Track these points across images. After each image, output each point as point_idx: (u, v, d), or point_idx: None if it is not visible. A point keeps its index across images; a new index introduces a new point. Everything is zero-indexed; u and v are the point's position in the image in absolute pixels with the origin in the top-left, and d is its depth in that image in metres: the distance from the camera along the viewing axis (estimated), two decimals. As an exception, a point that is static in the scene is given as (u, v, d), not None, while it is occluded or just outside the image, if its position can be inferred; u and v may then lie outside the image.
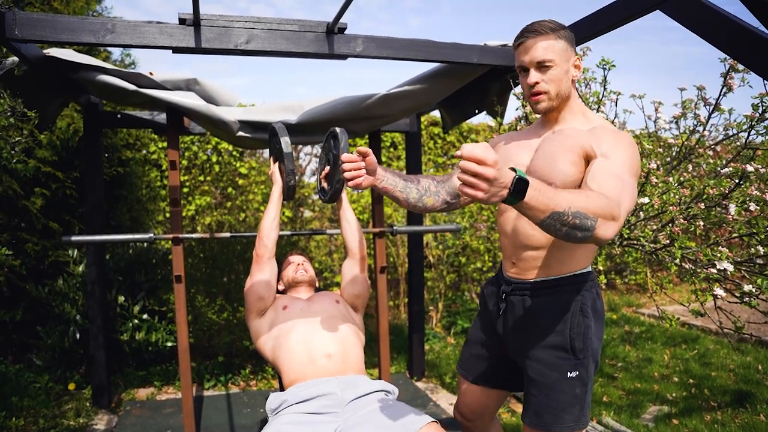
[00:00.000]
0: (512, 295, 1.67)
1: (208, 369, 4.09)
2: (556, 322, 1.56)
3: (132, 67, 5.02)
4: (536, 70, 1.52)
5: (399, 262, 5.40)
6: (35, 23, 2.10)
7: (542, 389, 1.56)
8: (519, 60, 1.56)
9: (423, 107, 3.30)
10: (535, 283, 1.61)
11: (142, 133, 4.88)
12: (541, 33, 1.50)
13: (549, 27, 1.51)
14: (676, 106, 2.73)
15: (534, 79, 1.52)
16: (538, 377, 1.57)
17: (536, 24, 1.53)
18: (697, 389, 3.66)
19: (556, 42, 1.51)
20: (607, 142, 1.45)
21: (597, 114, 1.64)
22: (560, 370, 1.55)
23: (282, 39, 2.39)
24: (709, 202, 2.38)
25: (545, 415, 1.56)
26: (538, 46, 1.50)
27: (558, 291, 1.58)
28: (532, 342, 1.60)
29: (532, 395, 1.60)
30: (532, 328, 1.61)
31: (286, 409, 1.87)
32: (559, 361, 1.55)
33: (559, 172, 1.48)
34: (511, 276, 1.68)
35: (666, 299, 6.17)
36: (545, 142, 1.58)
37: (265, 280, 2.28)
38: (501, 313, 1.71)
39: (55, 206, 3.90)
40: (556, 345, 1.56)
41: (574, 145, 1.48)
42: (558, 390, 1.54)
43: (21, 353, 3.93)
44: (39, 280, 3.85)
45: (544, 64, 1.51)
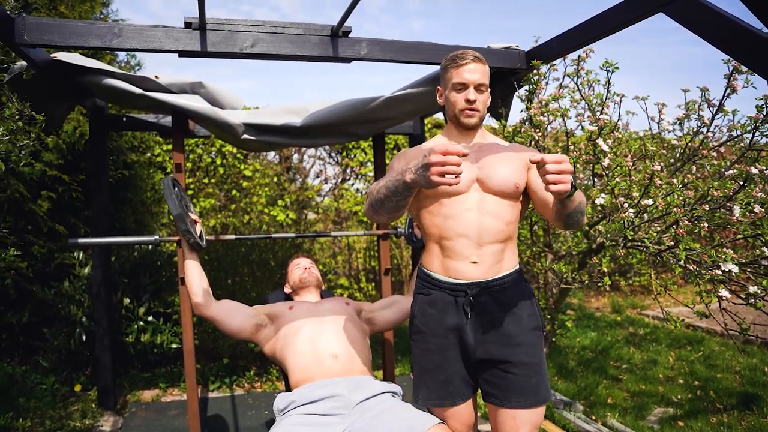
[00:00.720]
0: (480, 296, 1.71)
1: (213, 371, 4.11)
2: (528, 307, 1.75)
3: (137, 69, 5.05)
4: (475, 90, 1.74)
5: (403, 264, 5.41)
6: (44, 28, 2.13)
7: (535, 367, 1.70)
8: (461, 77, 1.73)
9: (427, 110, 3.31)
10: (503, 277, 1.73)
11: (147, 136, 4.91)
12: (483, 62, 1.75)
13: (481, 57, 1.77)
14: (679, 107, 2.73)
15: (473, 97, 1.74)
16: (530, 358, 1.70)
17: (475, 52, 1.76)
18: (702, 391, 3.65)
19: (487, 69, 1.77)
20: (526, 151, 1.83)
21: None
22: (539, 346, 1.75)
23: (287, 42, 2.41)
24: (714, 204, 2.38)
25: (541, 390, 1.71)
26: (483, 72, 1.74)
27: (519, 280, 1.78)
28: (513, 331, 1.71)
29: (526, 377, 1.69)
30: (509, 320, 1.72)
31: (294, 410, 1.88)
32: (538, 340, 1.75)
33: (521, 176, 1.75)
34: (473, 279, 1.71)
35: (670, 301, 6.16)
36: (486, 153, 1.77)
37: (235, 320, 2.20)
38: (468, 319, 1.72)
39: (61, 209, 3.93)
40: (535, 326, 1.75)
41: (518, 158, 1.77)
42: (543, 364, 1.74)
43: (27, 355, 3.95)
44: (45, 282, 3.87)
45: (481, 88, 1.75)
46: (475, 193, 1.73)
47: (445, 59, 1.80)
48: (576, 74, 2.77)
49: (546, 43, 2.75)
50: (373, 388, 1.97)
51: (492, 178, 1.72)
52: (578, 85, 2.78)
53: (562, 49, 2.65)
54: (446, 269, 1.75)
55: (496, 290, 1.72)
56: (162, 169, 5.06)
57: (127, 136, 4.49)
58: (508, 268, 1.75)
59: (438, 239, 1.76)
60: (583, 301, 6.73)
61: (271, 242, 4.51)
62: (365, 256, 5.54)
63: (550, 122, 2.85)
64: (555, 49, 2.69)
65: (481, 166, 1.75)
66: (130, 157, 4.43)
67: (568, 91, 2.82)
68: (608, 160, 2.63)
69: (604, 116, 2.66)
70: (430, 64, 2.68)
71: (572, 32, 2.54)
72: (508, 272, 1.75)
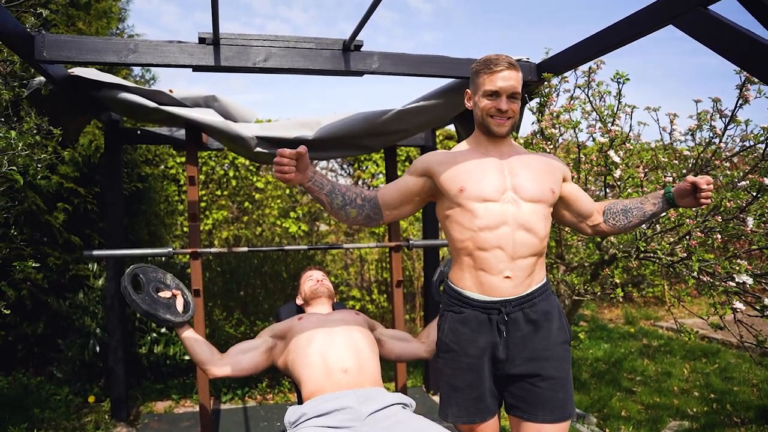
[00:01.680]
0: (512, 313, 1.67)
1: (225, 382, 4.11)
2: (556, 320, 1.73)
3: (152, 83, 5.12)
4: (508, 99, 1.69)
5: (415, 276, 5.40)
6: (62, 45, 2.17)
7: (562, 382, 1.68)
8: (495, 85, 1.67)
9: (439, 122, 3.33)
10: (533, 292, 1.70)
11: (161, 149, 4.96)
12: (516, 68, 1.69)
13: (516, 64, 1.71)
14: (691, 117, 2.72)
15: (506, 107, 1.69)
16: (558, 373, 1.68)
17: (510, 58, 1.69)
18: (718, 404, 3.60)
19: (520, 76, 1.72)
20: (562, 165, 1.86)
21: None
22: (568, 360, 1.73)
23: (299, 56, 2.44)
24: (727, 215, 2.37)
25: (568, 405, 1.69)
26: (517, 80, 1.69)
27: (548, 294, 1.75)
28: (543, 345, 1.69)
29: (553, 392, 1.67)
30: (539, 335, 1.69)
31: (305, 423, 1.88)
32: (567, 354, 1.73)
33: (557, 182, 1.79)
34: (506, 295, 1.67)
35: (684, 312, 6.09)
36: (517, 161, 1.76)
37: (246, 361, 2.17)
38: (502, 337, 1.68)
39: (76, 221, 3.98)
40: (563, 340, 1.73)
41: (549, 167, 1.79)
42: (569, 379, 1.72)
43: (42, 365, 3.98)
44: (60, 294, 3.91)
45: (515, 96, 1.70)
46: (508, 204, 1.68)
47: (477, 62, 1.73)
48: (587, 86, 2.78)
49: (557, 56, 2.76)
50: (384, 399, 1.97)
51: (527, 184, 1.70)
52: (589, 96, 2.79)
53: (573, 61, 2.66)
54: (479, 285, 1.68)
55: (527, 305, 1.69)
56: (175, 182, 5.11)
57: (141, 149, 4.54)
58: (538, 282, 1.73)
59: (470, 252, 1.68)
60: (595, 312, 6.68)
61: (283, 254, 4.53)
62: (377, 268, 5.54)
63: (561, 134, 2.85)
64: (566, 61, 2.70)
65: (515, 174, 1.72)
66: (144, 170, 4.48)
67: (579, 102, 2.82)
68: (620, 172, 2.63)
69: (615, 127, 2.66)
70: (442, 77, 2.70)
71: (583, 44, 2.55)
72: (537, 286, 1.72)
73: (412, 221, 5.61)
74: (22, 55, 2.13)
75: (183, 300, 2.20)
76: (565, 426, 1.70)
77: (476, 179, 1.69)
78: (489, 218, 1.66)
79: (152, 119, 2.95)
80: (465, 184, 1.69)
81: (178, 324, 2.12)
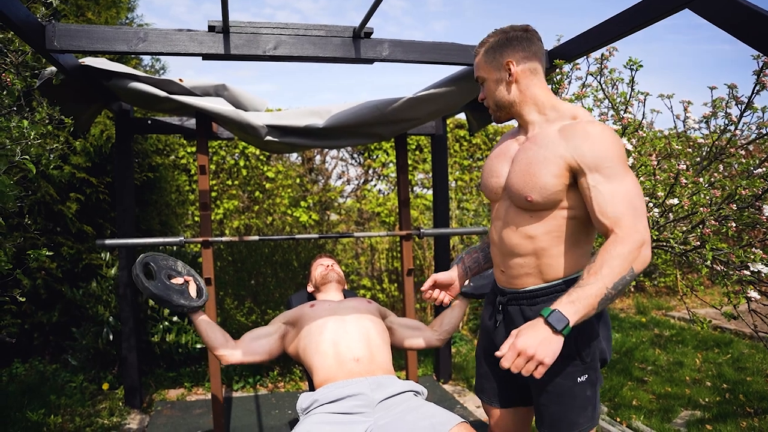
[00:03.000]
0: (509, 305, 1.63)
1: (237, 370, 4.15)
2: None
3: (161, 72, 5.13)
4: (480, 86, 1.63)
5: (426, 265, 5.40)
6: (73, 34, 2.18)
7: (553, 398, 1.53)
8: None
9: (450, 110, 3.31)
10: (532, 291, 1.57)
11: (172, 139, 4.98)
12: (475, 53, 1.60)
13: (481, 43, 1.59)
14: (706, 105, 2.68)
15: (480, 96, 1.62)
16: (550, 387, 1.53)
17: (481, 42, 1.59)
18: (731, 394, 3.58)
19: (483, 58, 1.58)
20: (587, 149, 1.41)
21: (567, 104, 1.59)
22: (570, 377, 1.52)
23: (309, 44, 2.43)
24: (742, 203, 2.34)
25: (561, 424, 1.53)
26: (475, 66, 1.61)
27: (556, 297, 1.44)
28: None
29: (543, 405, 1.56)
30: None
31: (316, 409, 1.89)
32: (569, 369, 1.51)
33: (534, 186, 1.47)
34: (503, 286, 1.65)
35: (697, 302, 6.06)
36: (521, 153, 1.55)
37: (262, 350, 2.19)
38: (497, 324, 1.67)
39: (89, 210, 4.01)
40: (564, 354, 1.44)
41: (553, 156, 1.45)
42: (570, 396, 1.51)
43: (57, 353, 4.04)
44: (74, 283, 3.95)
45: (480, 81, 1.62)
46: (502, 201, 1.62)
47: None
48: (599, 73, 2.74)
49: (568, 42, 2.73)
50: (396, 386, 1.97)
51: (511, 185, 1.55)
52: (601, 84, 2.76)
53: (585, 47, 2.63)
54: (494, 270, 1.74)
55: (524, 303, 1.59)
56: (186, 171, 5.13)
57: (152, 139, 4.56)
58: (544, 281, 1.55)
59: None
60: (607, 302, 6.64)
61: (294, 243, 4.55)
62: (388, 257, 5.55)
63: (573, 121, 2.82)
64: (578, 48, 2.67)
65: (512, 166, 1.57)
66: (155, 159, 4.50)
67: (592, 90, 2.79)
68: (632, 159, 2.60)
69: (628, 115, 2.63)
70: (453, 64, 2.68)
71: (595, 30, 2.52)
72: (540, 286, 1.55)
73: (423, 210, 5.61)
74: (33, 45, 2.13)
75: (196, 286, 2.21)
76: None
77: (487, 171, 1.69)
78: (493, 214, 1.69)
79: (162, 108, 2.95)
80: (482, 174, 1.72)
81: (192, 309, 2.12)
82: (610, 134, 1.43)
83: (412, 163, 5.73)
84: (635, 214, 1.35)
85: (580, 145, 1.42)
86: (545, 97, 1.57)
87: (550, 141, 1.48)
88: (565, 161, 1.44)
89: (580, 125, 1.46)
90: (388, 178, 5.69)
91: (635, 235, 1.32)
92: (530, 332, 1.27)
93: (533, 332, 1.26)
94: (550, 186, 1.45)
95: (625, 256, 1.30)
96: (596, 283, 1.28)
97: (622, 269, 1.29)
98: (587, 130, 1.43)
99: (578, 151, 1.42)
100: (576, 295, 1.28)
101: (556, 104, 1.56)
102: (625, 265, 1.29)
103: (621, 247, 1.30)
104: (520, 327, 1.31)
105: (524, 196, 1.49)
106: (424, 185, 5.84)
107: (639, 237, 1.32)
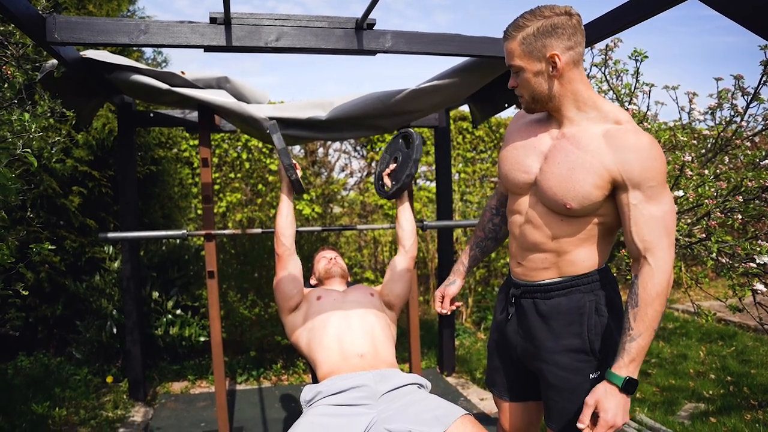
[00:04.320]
0: (522, 298, 1.60)
1: (241, 363, 4.16)
2: (572, 325, 1.50)
3: (163, 65, 5.12)
4: (513, 74, 1.48)
5: (429, 258, 5.40)
6: (74, 26, 2.16)
7: (564, 394, 1.50)
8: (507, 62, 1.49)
9: (453, 102, 3.29)
10: (547, 284, 1.53)
11: (174, 132, 4.97)
12: (509, 37, 1.44)
13: (516, 26, 1.43)
14: (711, 96, 2.66)
15: (511, 84, 1.49)
16: (559, 382, 1.51)
17: (511, 24, 1.44)
18: (735, 387, 3.57)
19: (519, 46, 1.42)
20: (636, 164, 1.34)
21: (610, 104, 1.48)
22: (582, 373, 1.49)
23: (311, 36, 2.41)
24: (748, 195, 2.32)
25: (570, 422, 1.50)
26: (507, 52, 1.45)
27: (571, 292, 1.50)
28: (548, 346, 1.53)
29: (553, 401, 1.53)
30: (546, 332, 1.54)
31: (320, 401, 1.89)
32: (580, 364, 1.49)
33: (576, 195, 1.41)
34: (518, 278, 1.61)
35: (701, 294, 6.04)
36: (559, 152, 1.46)
37: (291, 278, 2.29)
38: (509, 317, 1.66)
39: (91, 204, 4.01)
40: (575, 348, 1.49)
41: (599, 165, 1.38)
42: (582, 393, 1.46)
43: (62, 346, 4.05)
44: (77, 276, 3.96)
45: (514, 70, 1.46)
46: (528, 196, 1.55)
47: None
48: (604, 64, 2.73)
49: (573, 33, 2.70)
50: (399, 379, 1.97)
51: (545, 185, 1.47)
52: (606, 75, 2.74)
53: (589, 38, 2.61)
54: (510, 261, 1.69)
55: (538, 296, 1.55)
56: (188, 164, 5.12)
57: (154, 132, 4.55)
58: (561, 276, 1.52)
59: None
60: (610, 294, 6.64)
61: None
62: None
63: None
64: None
65: (549, 165, 1.47)
66: (158, 152, 4.50)
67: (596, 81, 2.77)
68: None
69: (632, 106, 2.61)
70: (456, 56, 2.66)
71: (599, 21, 2.50)
72: (556, 280, 1.53)
73: (426, 202, 5.59)
74: (34, 37, 2.12)
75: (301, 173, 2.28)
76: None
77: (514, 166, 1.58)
78: (510, 205, 1.63)
79: (165, 101, 2.94)
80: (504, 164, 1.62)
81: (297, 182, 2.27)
82: (658, 149, 1.37)
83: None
84: (669, 242, 1.35)
85: (629, 158, 1.35)
86: (587, 94, 1.46)
87: (594, 146, 1.39)
88: (610, 173, 1.37)
89: (628, 134, 1.38)
90: (391, 171, 5.67)
91: (666, 267, 1.34)
92: (613, 403, 1.32)
93: (615, 401, 1.32)
94: (593, 197, 1.40)
95: (663, 293, 1.34)
96: (647, 331, 1.34)
97: (662, 306, 1.34)
98: (637, 143, 1.36)
99: (626, 166, 1.35)
100: (635, 351, 1.33)
101: (598, 103, 1.46)
102: (663, 302, 1.35)
103: (658, 283, 1.33)
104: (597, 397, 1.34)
105: (563, 203, 1.43)
106: (427, 177, 5.82)
107: (669, 267, 1.35)
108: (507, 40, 1.44)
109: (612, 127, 1.41)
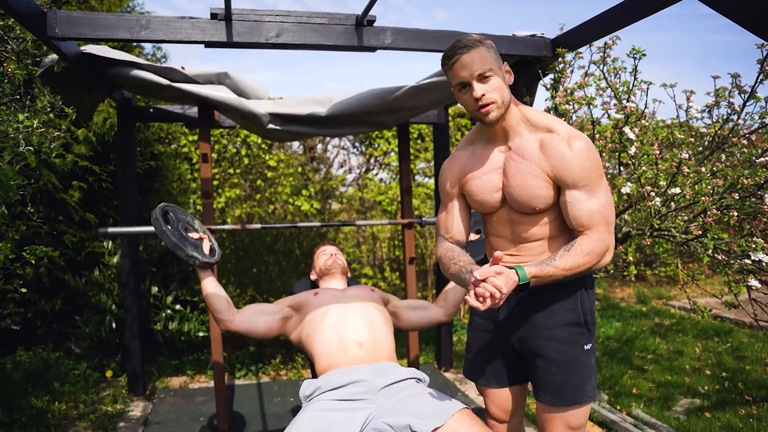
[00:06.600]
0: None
1: (240, 358, 4.17)
2: (566, 300, 1.65)
3: (163, 61, 5.12)
4: (479, 83, 1.53)
5: (427, 254, 5.41)
6: (74, 21, 2.17)
7: (563, 366, 1.63)
8: (458, 78, 1.55)
9: (451, 99, 3.30)
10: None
11: (174, 127, 4.97)
12: (473, 47, 1.52)
13: (476, 39, 1.54)
14: (708, 95, 2.68)
15: (480, 92, 1.53)
16: (558, 355, 1.63)
17: (464, 40, 1.54)
18: (730, 383, 3.60)
19: (488, 52, 1.54)
20: (566, 170, 1.54)
21: (535, 111, 1.65)
22: (578, 344, 1.64)
23: (312, 32, 2.42)
24: (744, 193, 2.34)
25: (569, 390, 1.63)
26: (475, 59, 1.52)
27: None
28: (545, 323, 1.65)
29: (551, 374, 1.64)
30: (542, 311, 1.66)
31: (319, 396, 1.91)
32: (577, 337, 1.64)
33: (537, 198, 1.59)
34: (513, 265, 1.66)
35: (697, 291, 6.07)
36: (511, 165, 1.62)
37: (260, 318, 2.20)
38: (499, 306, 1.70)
39: (91, 199, 4.01)
40: (572, 322, 1.64)
41: (540, 172, 1.57)
42: (578, 364, 1.63)
43: (61, 341, 4.06)
44: (76, 271, 3.97)
45: (485, 74, 1.53)
46: (505, 207, 1.67)
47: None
48: (602, 62, 2.73)
49: (571, 31, 2.72)
50: (398, 373, 1.99)
51: (512, 196, 1.62)
52: (604, 72, 2.75)
53: (588, 36, 2.62)
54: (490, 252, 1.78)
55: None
56: (188, 160, 5.12)
57: (154, 127, 4.55)
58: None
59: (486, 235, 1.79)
60: (607, 291, 6.66)
61: (296, 231, 4.55)
62: (389, 246, 5.56)
63: (575, 111, 2.82)
64: (581, 37, 2.66)
65: (507, 179, 1.63)
66: (157, 148, 4.50)
67: (594, 79, 2.78)
68: (635, 149, 2.60)
69: (630, 104, 2.62)
70: (454, 52, 2.66)
71: (598, 19, 2.51)
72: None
73: (424, 199, 5.61)
74: (34, 32, 2.13)
75: (209, 245, 2.22)
76: (572, 412, 1.65)
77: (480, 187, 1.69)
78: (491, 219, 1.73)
79: (165, 97, 2.95)
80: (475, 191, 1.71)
81: (203, 264, 2.13)
82: (589, 149, 1.55)
83: (413, 152, 5.72)
84: (608, 229, 1.56)
85: (559, 165, 1.55)
86: (523, 108, 1.65)
87: (535, 156, 1.59)
88: (550, 177, 1.58)
89: (556, 142, 1.56)
90: (389, 167, 5.68)
91: (602, 242, 1.54)
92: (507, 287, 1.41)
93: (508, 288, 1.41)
94: (549, 196, 1.59)
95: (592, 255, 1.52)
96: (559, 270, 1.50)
97: (584, 266, 1.52)
98: (563, 152, 1.55)
99: (560, 172, 1.55)
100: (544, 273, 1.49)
101: (528, 114, 1.63)
102: (587, 263, 1.52)
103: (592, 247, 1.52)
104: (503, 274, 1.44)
105: (532, 207, 1.60)
106: (426, 174, 5.83)
107: (605, 245, 1.55)
108: (472, 50, 1.52)
109: (545, 136, 1.59)
